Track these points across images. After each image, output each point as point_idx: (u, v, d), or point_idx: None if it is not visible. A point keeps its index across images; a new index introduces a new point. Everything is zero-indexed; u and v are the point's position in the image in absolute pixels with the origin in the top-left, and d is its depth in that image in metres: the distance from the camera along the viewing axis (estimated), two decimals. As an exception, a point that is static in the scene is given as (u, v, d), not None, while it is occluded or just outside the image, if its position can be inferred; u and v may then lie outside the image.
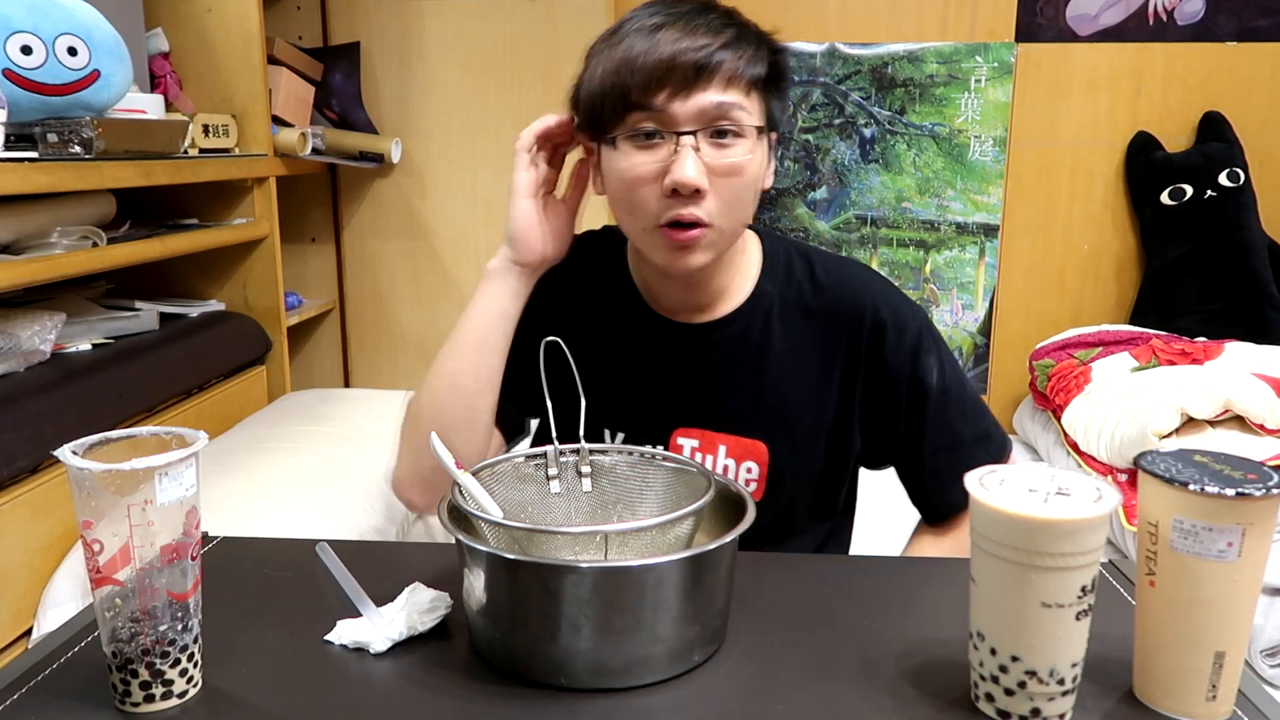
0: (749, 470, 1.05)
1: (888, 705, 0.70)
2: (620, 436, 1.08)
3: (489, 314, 1.02)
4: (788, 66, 0.98)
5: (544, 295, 1.07)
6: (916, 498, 1.12)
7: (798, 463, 1.06)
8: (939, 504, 1.10)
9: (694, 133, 0.90)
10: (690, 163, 0.90)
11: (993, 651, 0.65)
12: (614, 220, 1.03)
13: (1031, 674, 0.64)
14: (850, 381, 1.05)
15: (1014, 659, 0.64)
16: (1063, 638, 0.64)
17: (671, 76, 0.89)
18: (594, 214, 1.09)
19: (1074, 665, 0.65)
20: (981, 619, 0.66)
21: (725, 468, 1.05)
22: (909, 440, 1.07)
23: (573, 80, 1.00)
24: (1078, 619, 0.64)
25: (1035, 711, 0.65)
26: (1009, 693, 0.65)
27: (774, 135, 0.99)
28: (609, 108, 0.92)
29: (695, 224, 0.93)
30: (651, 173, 0.92)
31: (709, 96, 0.90)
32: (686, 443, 1.06)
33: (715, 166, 0.91)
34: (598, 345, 1.06)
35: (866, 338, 1.04)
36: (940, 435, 1.06)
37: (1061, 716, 0.66)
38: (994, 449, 1.08)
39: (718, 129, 0.91)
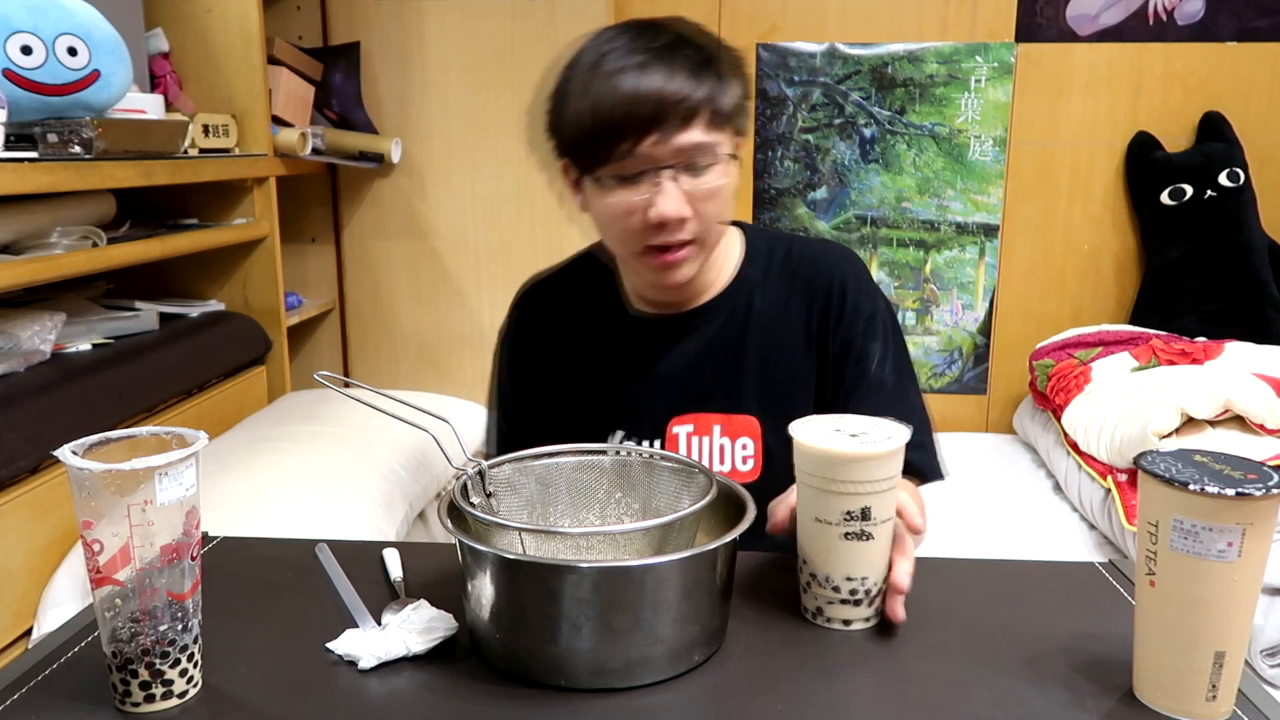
0: (744, 447, 1.08)
1: (887, 704, 0.70)
2: (619, 435, 1.10)
3: None
4: (751, 79, 1.06)
5: (533, 320, 1.15)
6: None
7: (788, 433, 1.07)
8: None
9: (673, 166, 0.96)
10: (672, 197, 0.96)
11: (801, 560, 0.81)
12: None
13: (813, 577, 0.79)
14: (823, 349, 1.10)
15: (803, 563, 0.81)
16: (831, 551, 0.78)
17: (656, 125, 0.94)
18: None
19: (849, 579, 0.78)
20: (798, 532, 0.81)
21: (721, 447, 1.08)
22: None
23: (545, 96, 1.02)
24: (845, 539, 0.77)
25: (819, 611, 0.80)
26: (805, 590, 0.81)
27: (739, 142, 1.04)
28: (596, 149, 0.96)
29: (681, 245, 0.99)
30: (636, 205, 0.98)
31: (689, 138, 0.95)
32: (682, 429, 1.09)
33: (694, 194, 0.97)
34: (588, 353, 1.12)
35: (834, 309, 1.10)
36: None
37: (847, 623, 0.79)
38: (921, 458, 1.04)
39: (693, 163, 0.97)
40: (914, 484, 1.04)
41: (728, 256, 1.12)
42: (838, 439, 0.76)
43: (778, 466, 1.07)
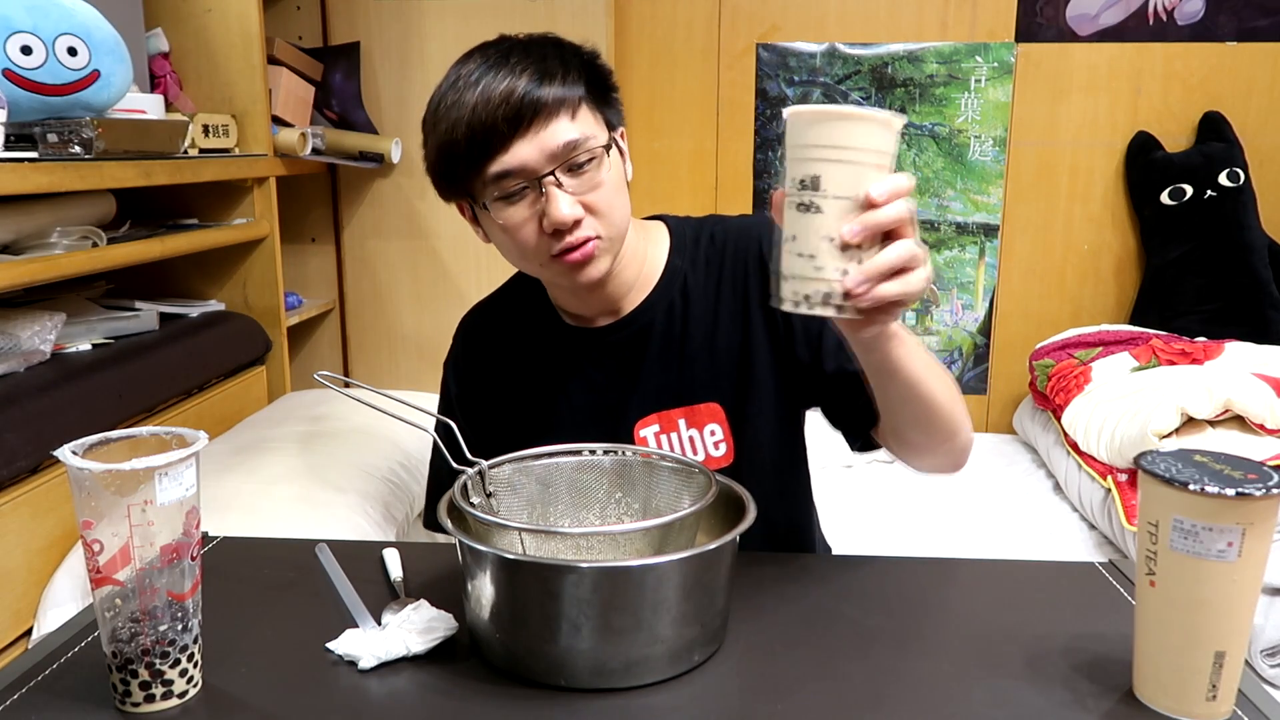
0: (713, 433, 1.08)
1: (888, 704, 0.70)
2: (587, 451, 1.07)
3: None
4: (606, 69, 1.04)
5: (479, 347, 1.15)
6: (839, 422, 1.09)
7: (753, 409, 1.08)
8: (853, 420, 1.07)
9: (552, 172, 0.95)
10: (561, 202, 0.95)
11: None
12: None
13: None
14: (770, 312, 1.07)
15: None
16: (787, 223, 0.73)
17: (519, 129, 0.94)
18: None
19: (800, 255, 0.72)
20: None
21: (690, 438, 1.08)
22: (813, 361, 1.07)
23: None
24: (796, 209, 0.71)
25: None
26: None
27: (619, 131, 1.04)
28: (470, 169, 0.96)
29: (584, 241, 0.98)
30: (529, 218, 0.97)
31: (556, 137, 0.94)
32: (649, 431, 1.08)
33: (582, 193, 0.97)
34: (537, 373, 1.12)
35: (762, 270, 1.08)
36: (836, 354, 1.05)
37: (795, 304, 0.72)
38: None
39: (572, 162, 0.96)
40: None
41: (654, 253, 1.12)
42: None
43: (750, 444, 1.07)
